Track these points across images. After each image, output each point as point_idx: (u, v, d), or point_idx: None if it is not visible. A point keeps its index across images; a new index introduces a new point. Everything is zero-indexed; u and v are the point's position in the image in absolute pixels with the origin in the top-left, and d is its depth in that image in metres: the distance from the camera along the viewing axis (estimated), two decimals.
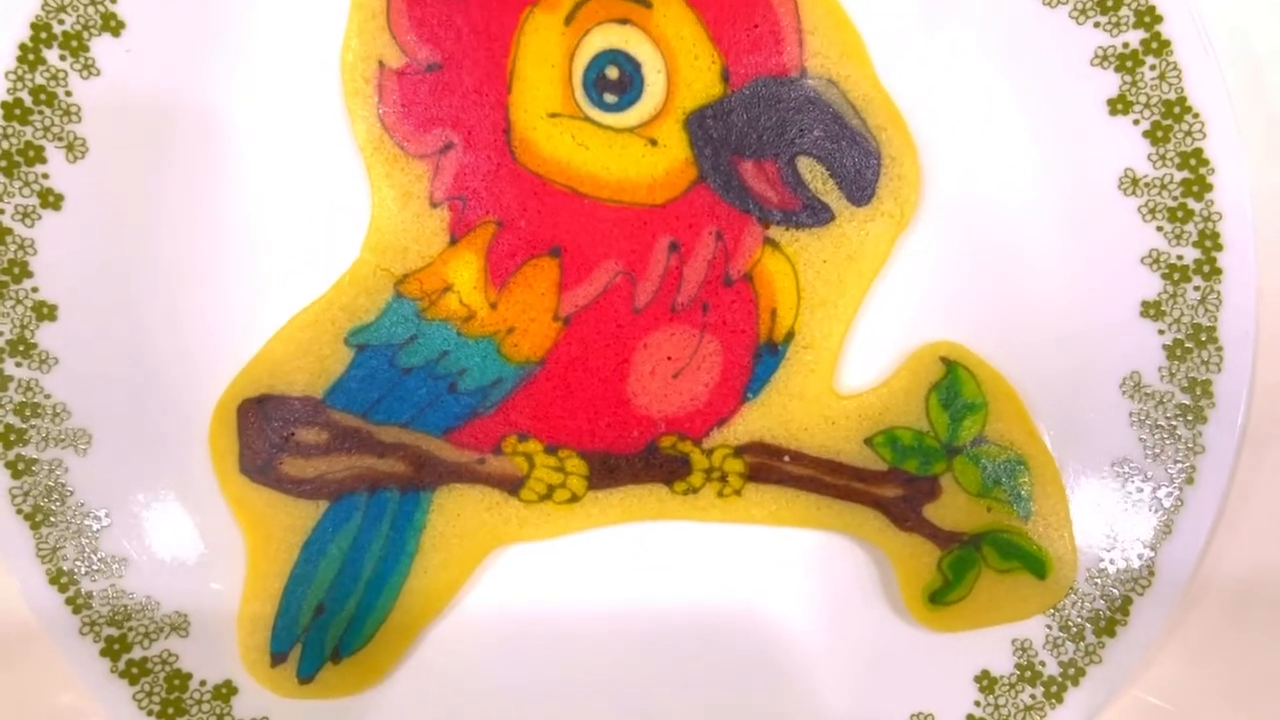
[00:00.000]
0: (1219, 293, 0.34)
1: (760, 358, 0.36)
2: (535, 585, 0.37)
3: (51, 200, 0.34)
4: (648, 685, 0.36)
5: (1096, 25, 0.34)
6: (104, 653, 0.34)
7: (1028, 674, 0.35)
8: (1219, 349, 0.34)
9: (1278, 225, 0.36)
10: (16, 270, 0.34)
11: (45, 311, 0.34)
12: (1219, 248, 0.34)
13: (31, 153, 0.34)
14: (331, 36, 0.35)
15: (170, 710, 0.34)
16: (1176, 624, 0.37)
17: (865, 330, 0.37)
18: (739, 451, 0.36)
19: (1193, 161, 0.34)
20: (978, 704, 0.36)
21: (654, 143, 0.35)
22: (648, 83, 0.35)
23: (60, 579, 0.34)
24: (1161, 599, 0.35)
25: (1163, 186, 0.34)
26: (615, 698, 0.36)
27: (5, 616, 0.36)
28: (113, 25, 0.34)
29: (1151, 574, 0.35)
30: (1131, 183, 0.35)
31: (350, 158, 0.36)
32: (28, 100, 0.33)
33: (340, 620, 0.36)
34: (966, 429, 0.36)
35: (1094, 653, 0.35)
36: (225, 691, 0.35)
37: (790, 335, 0.36)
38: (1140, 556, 0.35)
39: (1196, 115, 0.34)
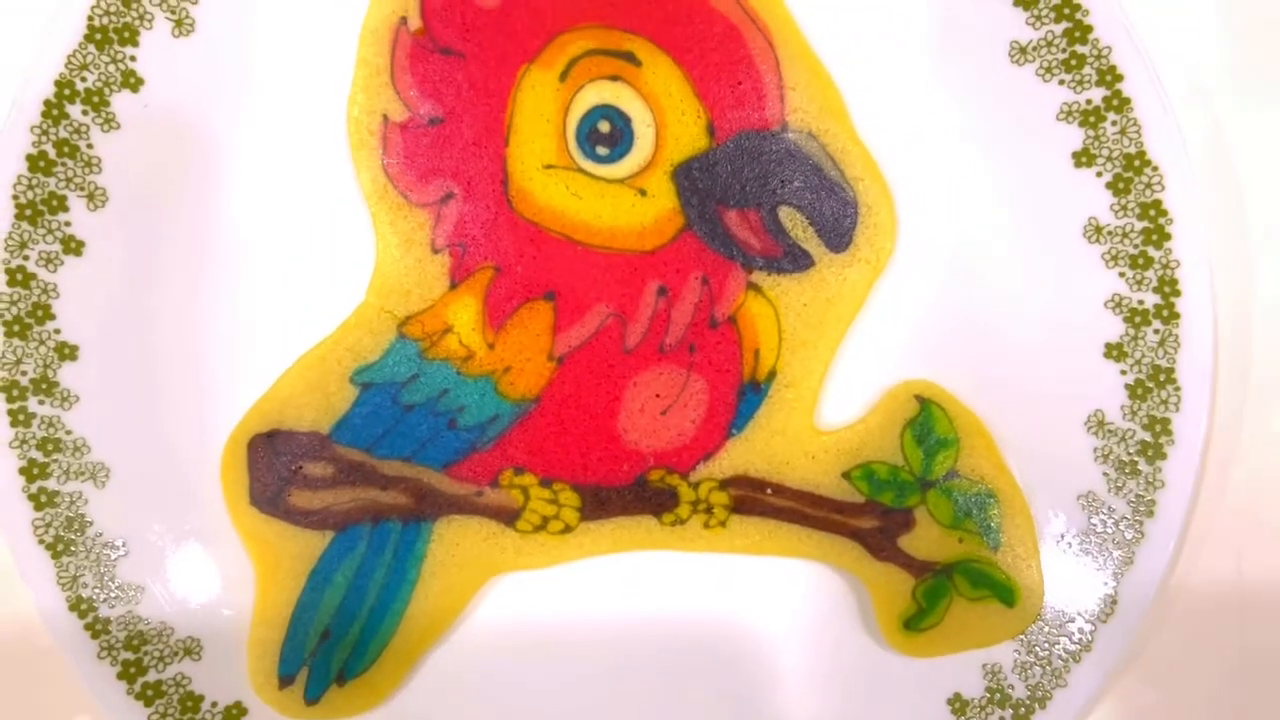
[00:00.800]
0: (1177, 336, 0.35)
1: (744, 396, 0.37)
2: (531, 612, 0.38)
3: (73, 246, 0.35)
4: (632, 705, 0.37)
5: (1061, 83, 0.36)
6: (121, 676, 0.35)
7: (997, 697, 0.36)
8: (1177, 389, 0.35)
9: (1234, 272, 0.37)
10: (40, 313, 0.35)
11: (67, 352, 0.35)
12: (1177, 293, 0.35)
13: (55, 202, 0.35)
14: (338, 92, 0.36)
15: None
16: (1137, 650, 0.37)
17: (843, 369, 0.37)
18: (724, 485, 0.37)
19: (1152, 212, 0.35)
20: None
21: (643, 193, 0.36)
22: (637, 136, 0.36)
23: (80, 605, 0.35)
24: (1123, 626, 0.36)
25: (1124, 235, 0.36)
26: (602, 715, 0.37)
27: (27, 641, 0.37)
28: (132, 82, 0.35)
29: (1114, 603, 0.36)
30: (1095, 231, 0.36)
31: (356, 206, 0.37)
32: (51, 153, 0.35)
33: (345, 644, 0.37)
34: (939, 464, 0.37)
35: (1060, 676, 0.36)
36: (235, 712, 0.36)
37: (772, 374, 0.37)
38: (1104, 585, 0.36)
39: (1155, 168, 0.35)
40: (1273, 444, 0.38)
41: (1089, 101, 0.35)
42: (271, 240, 0.37)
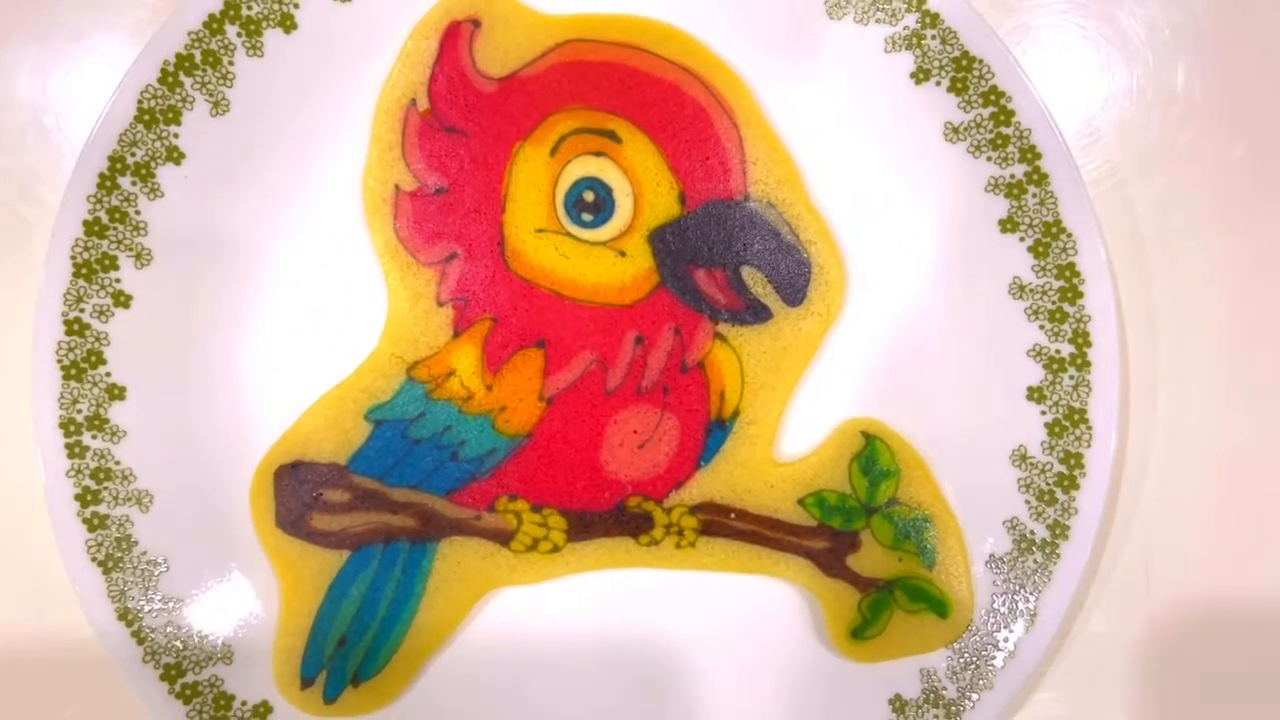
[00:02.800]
0: (1089, 381, 0.38)
1: (711, 432, 0.39)
2: (523, 622, 0.40)
3: (122, 300, 0.38)
4: (610, 701, 0.40)
5: (989, 159, 0.38)
6: (162, 678, 0.38)
7: (932, 697, 0.38)
8: (1089, 428, 0.38)
9: (1140, 325, 0.41)
10: (93, 358, 0.38)
11: (116, 392, 0.38)
12: (1089, 344, 0.38)
13: (107, 261, 0.38)
14: (355, 165, 0.39)
15: None
16: (1053, 657, 0.40)
17: (799, 409, 0.40)
18: (693, 510, 0.39)
19: (1067, 273, 0.38)
20: None
21: (623, 254, 0.39)
22: (618, 204, 0.39)
23: (127, 616, 0.38)
24: (1041, 635, 0.38)
25: (1044, 293, 0.38)
26: (584, 710, 0.40)
27: (80, 648, 0.39)
28: (175, 156, 0.38)
29: (1034, 615, 0.38)
30: (1019, 289, 0.38)
31: (370, 265, 0.39)
32: (105, 219, 0.37)
33: (359, 650, 0.39)
34: (882, 491, 0.39)
35: (987, 680, 0.38)
36: (262, 710, 0.38)
37: (736, 413, 0.39)
38: (1026, 600, 0.38)
39: (1070, 235, 0.38)
40: (1175, 476, 0.41)
41: (1012, 176, 0.38)
42: (295, 294, 0.39)
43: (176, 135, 0.38)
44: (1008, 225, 0.39)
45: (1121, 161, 0.41)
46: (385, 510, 0.39)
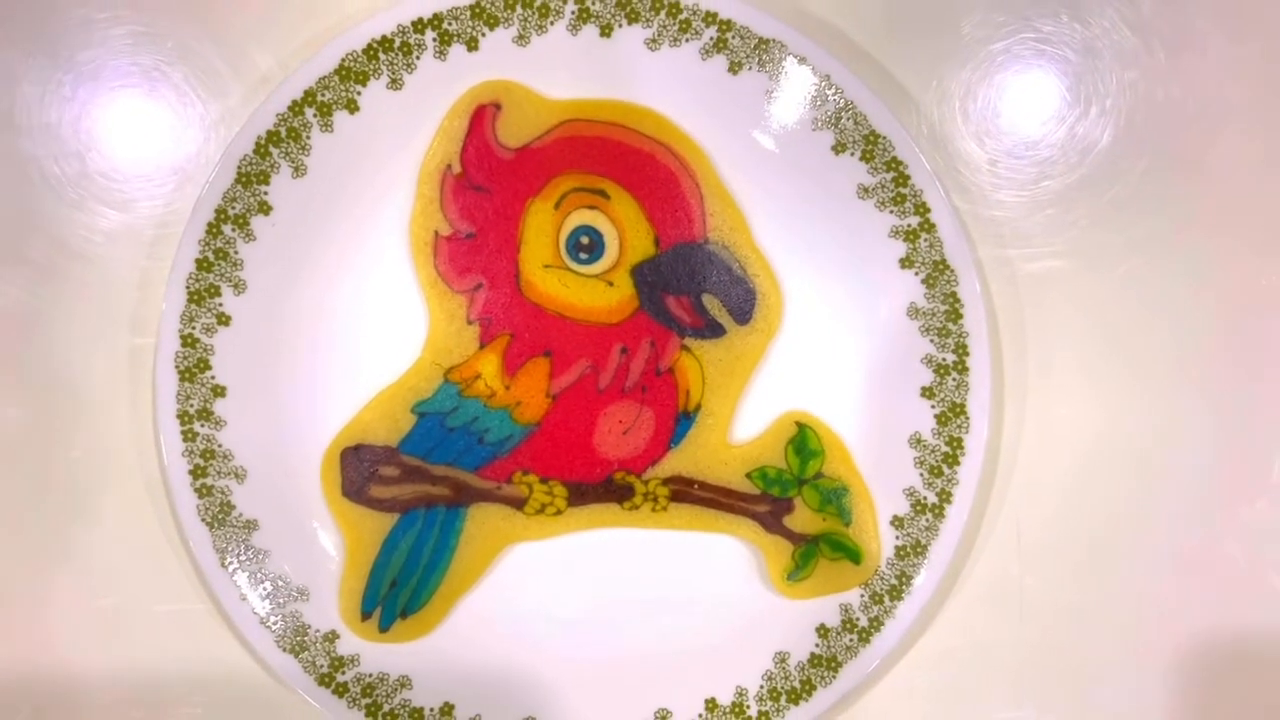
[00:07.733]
0: (968, 383, 0.44)
1: (679, 422, 0.45)
2: (534, 569, 0.45)
3: (224, 320, 0.44)
4: (599, 629, 0.45)
5: (891, 212, 0.45)
6: (254, 611, 0.43)
7: (849, 625, 0.44)
8: (967, 418, 0.44)
9: (1011, 339, 0.48)
10: (202, 365, 0.44)
11: (219, 391, 0.44)
12: (968, 354, 0.44)
13: (212, 290, 0.44)
14: (403, 215, 0.45)
15: (297, 648, 0.44)
16: (943, 594, 0.46)
17: (747, 404, 0.45)
18: (665, 482, 0.45)
19: (951, 300, 0.44)
20: (817, 645, 0.45)
21: (611, 284, 0.44)
22: (607, 246, 0.45)
23: (227, 564, 0.43)
24: (931, 576, 0.44)
25: (933, 314, 0.44)
26: (580, 633, 0.45)
27: (189, 592, 0.46)
28: (265, 209, 0.44)
29: (927, 561, 0.44)
30: (914, 311, 0.45)
31: (415, 293, 0.45)
32: (211, 257, 0.44)
33: (407, 591, 0.44)
34: (811, 467, 0.45)
35: (890, 612, 0.44)
36: (332, 637, 0.44)
37: (698, 407, 0.45)
38: (920, 550, 0.44)
39: (953, 271, 0.44)
40: (1041, 456, 0.47)
41: (909, 225, 0.44)
42: (356, 315, 0.45)
43: (266, 193, 0.44)
44: (906, 263, 0.45)
45: (998, 215, 0.48)
46: (427, 482, 0.44)
